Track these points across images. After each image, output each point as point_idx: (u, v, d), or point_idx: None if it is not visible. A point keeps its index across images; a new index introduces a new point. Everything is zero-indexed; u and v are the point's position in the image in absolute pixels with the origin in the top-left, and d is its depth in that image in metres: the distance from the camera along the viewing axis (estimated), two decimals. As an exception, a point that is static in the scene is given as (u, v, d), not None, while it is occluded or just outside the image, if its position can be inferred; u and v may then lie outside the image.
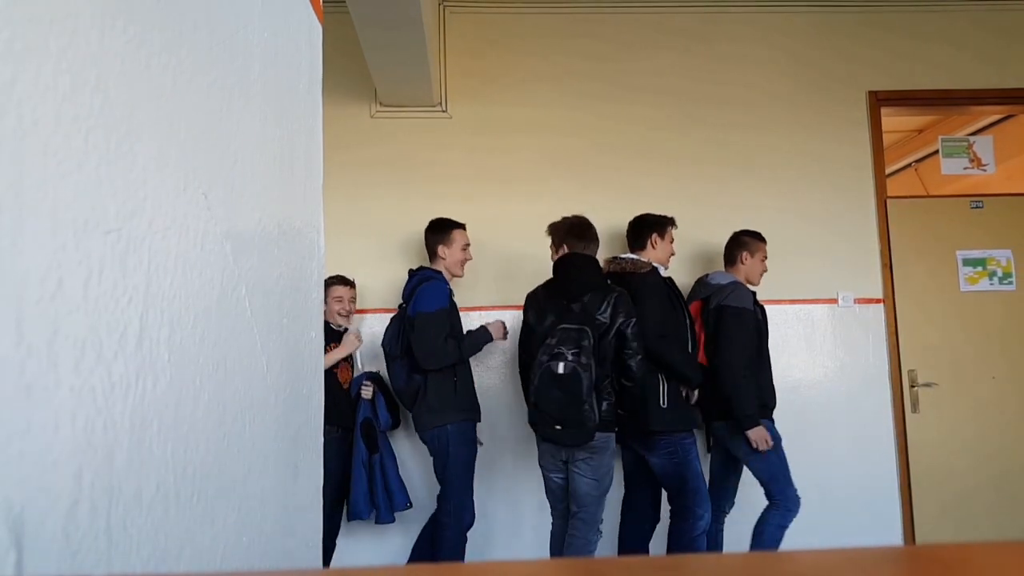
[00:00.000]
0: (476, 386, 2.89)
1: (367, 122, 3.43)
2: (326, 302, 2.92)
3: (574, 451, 2.50)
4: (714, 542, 2.87)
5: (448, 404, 2.72)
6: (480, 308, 3.28)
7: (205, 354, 0.70)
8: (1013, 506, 3.30)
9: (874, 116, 3.51)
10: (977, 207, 3.50)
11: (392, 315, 2.98)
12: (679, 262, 3.41)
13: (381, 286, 3.30)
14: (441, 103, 3.45)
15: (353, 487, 2.79)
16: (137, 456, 0.57)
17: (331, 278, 2.94)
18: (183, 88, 0.67)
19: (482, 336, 2.85)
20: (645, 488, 2.83)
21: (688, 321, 2.79)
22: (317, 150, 1.13)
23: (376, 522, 2.85)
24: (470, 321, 3.16)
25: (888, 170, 3.77)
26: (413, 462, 3.14)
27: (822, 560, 0.34)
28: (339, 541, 2.91)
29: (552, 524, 2.73)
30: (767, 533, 2.72)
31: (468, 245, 2.97)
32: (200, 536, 0.68)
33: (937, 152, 3.74)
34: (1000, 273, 3.42)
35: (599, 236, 2.85)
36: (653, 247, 2.83)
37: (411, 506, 2.89)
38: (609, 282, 2.66)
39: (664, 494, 2.79)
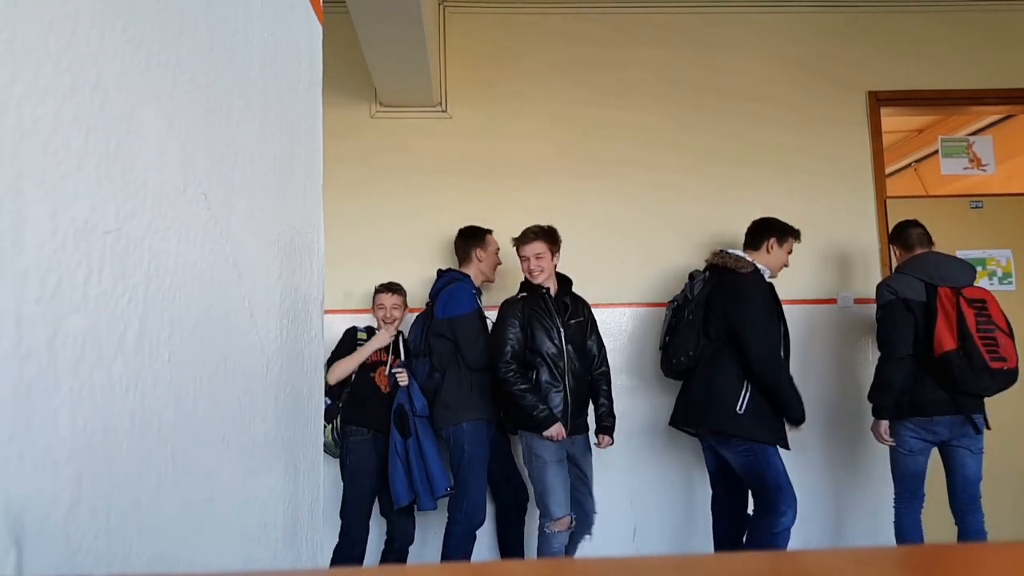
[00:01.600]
0: None
1: (367, 122, 3.43)
2: (373, 309, 3.03)
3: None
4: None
5: (463, 403, 2.76)
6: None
7: (205, 354, 0.70)
8: (1016, 508, 3.30)
9: (874, 116, 3.51)
10: (977, 207, 3.50)
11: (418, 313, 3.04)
12: (673, 263, 3.40)
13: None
14: (441, 103, 3.45)
15: (392, 475, 2.79)
16: (137, 456, 0.57)
17: (378, 286, 3.01)
18: (183, 88, 0.67)
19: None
20: (729, 486, 2.79)
21: (784, 331, 2.74)
22: (317, 150, 1.13)
23: (418, 509, 2.84)
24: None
25: (888, 170, 3.77)
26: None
27: (822, 560, 0.34)
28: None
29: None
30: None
31: (499, 250, 3.04)
32: (200, 536, 0.68)
33: (937, 152, 3.74)
34: (1000, 273, 3.42)
35: (597, 235, 2.87)
36: (768, 251, 2.78)
37: (453, 491, 2.85)
38: (707, 273, 2.75)
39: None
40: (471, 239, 3.00)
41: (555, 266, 2.77)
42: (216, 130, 0.75)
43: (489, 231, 3.04)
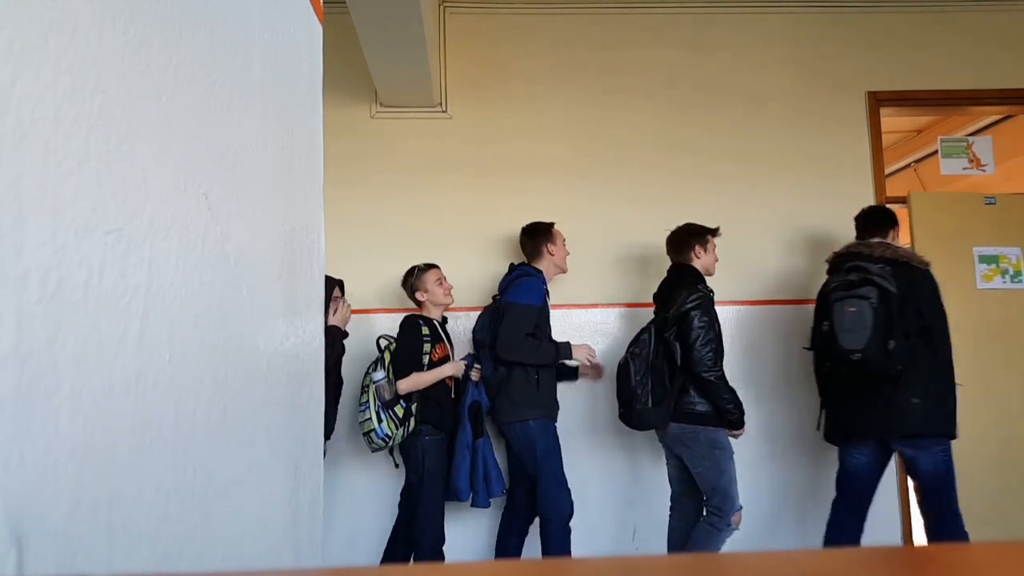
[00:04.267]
0: None
1: (367, 122, 3.43)
2: (427, 290, 2.90)
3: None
4: None
5: (530, 400, 2.77)
6: (481, 308, 3.28)
7: (205, 354, 0.70)
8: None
9: (873, 116, 3.51)
10: (990, 203, 3.49)
11: (486, 306, 3.06)
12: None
13: (380, 286, 3.30)
14: (441, 103, 3.45)
15: (457, 470, 2.81)
16: (137, 456, 0.57)
17: (419, 266, 2.92)
18: (183, 88, 0.67)
19: (563, 350, 2.85)
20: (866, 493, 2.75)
21: None
22: (317, 150, 1.13)
23: (471, 505, 2.87)
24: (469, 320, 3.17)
25: (887, 170, 3.77)
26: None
27: (822, 560, 0.34)
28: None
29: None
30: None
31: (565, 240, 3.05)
32: (200, 536, 0.68)
33: (936, 152, 3.74)
34: (1011, 271, 3.42)
35: (598, 235, 2.88)
36: (893, 238, 2.79)
37: (505, 494, 2.90)
38: (880, 265, 2.58)
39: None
40: (538, 235, 2.99)
41: None
42: (216, 130, 0.75)
43: (552, 223, 3.02)
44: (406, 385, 2.72)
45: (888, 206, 3.06)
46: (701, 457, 2.64)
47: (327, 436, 2.52)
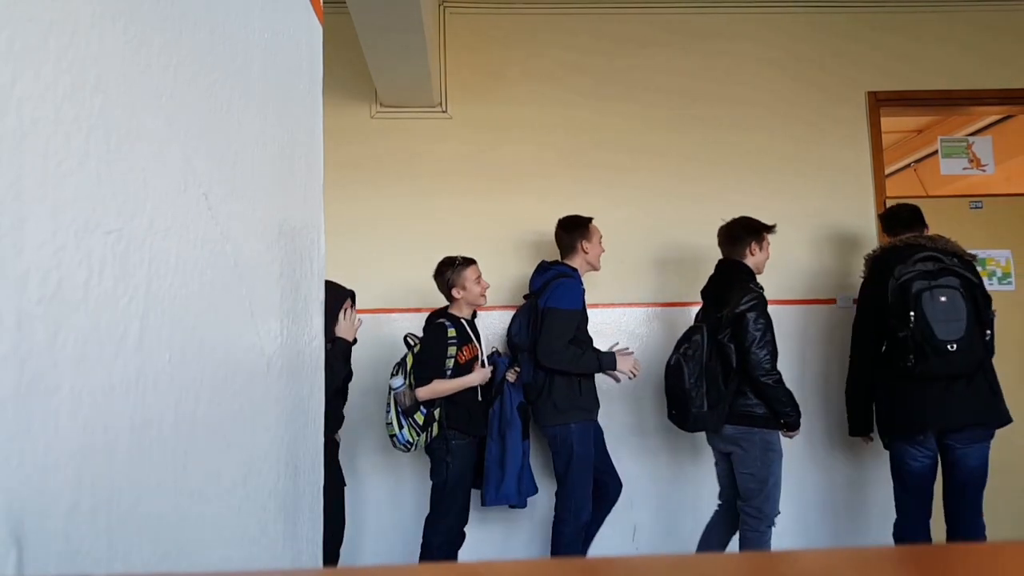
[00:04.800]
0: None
1: (367, 122, 3.43)
2: (464, 287, 2.76)
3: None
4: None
5: (573, 404, 2.74)
6: (480, 308, 3.28)
7: (205, 355, 0.70)
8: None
9: (873, 116, 3.51)
10: (976, 207, 3.50)
11: (520, 306, 2.99)
12: (673, 263, 3.41)
13: (380, 286, 3.30)
14: (441, 103, 3.45)
15: (507, 473, 2.79)
16: (137, 456, 0.57)
17: (458, 261, 2.77)
18: (183, 88, 0.67)
19: (605, 362, 2.77)
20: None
21: None
22: (317, 150, 1.13)
23: (510, 506, 2.88)
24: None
25: (887, 170, 3.77)
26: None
27: (822, 560, 0.34)
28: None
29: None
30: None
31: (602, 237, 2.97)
32: (200, 536, 0.68)
33: (936, 152, 3.74)
34: (1000, 273, 3.42)
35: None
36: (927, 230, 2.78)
37: (536, 492, 2.91)
38: (950, 257, 2.53)
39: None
40: (575, 230, 2.88)
41: None
42: (216, 130, 0.75)
43: (591, 218, 2.93)
44: (424, 394, 2.64)
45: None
46: (754, 459, 2.61)
47: (334, 430, 2.50)
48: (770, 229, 2.78)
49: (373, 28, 2.65)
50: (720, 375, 2.61)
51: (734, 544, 2.79)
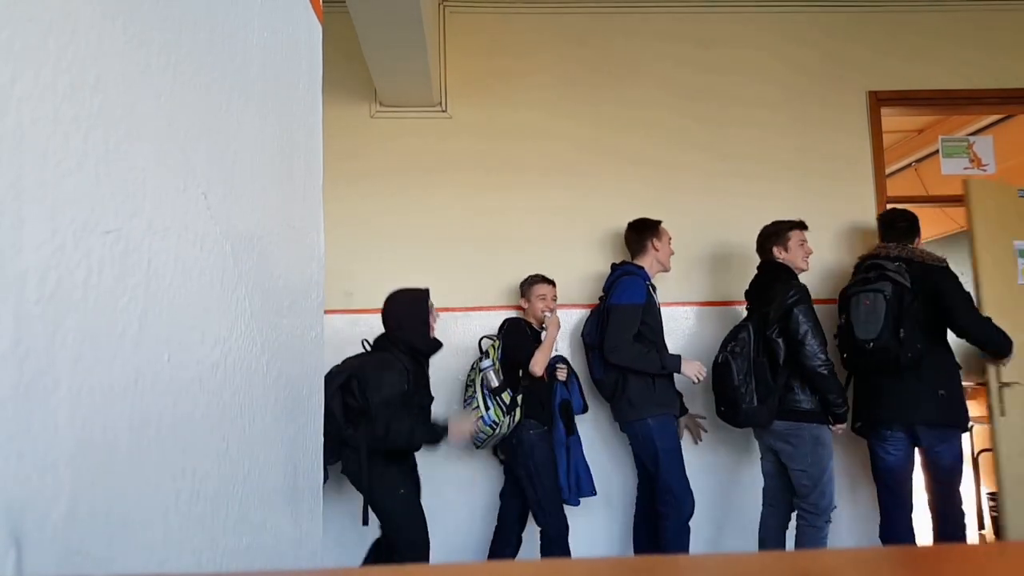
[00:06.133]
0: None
1: (367, 122, 3.43)
2: (529, 300, 3.00)
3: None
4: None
5: (647, 399, 2.77)
6: (480, 309, 3.28)
7: (205, 354, 0.70)
8: None
9: (874, 116, 3.51)
10: None
11: (593, 307, 3.07)
12: (674, 264, 3.40)
13: (380, 286, 3.29)
14: (441, 103, 3.45)
15: (556, 469, 2.84)
16: (137, 456, 0.57)
17: (533, 277, 3.01)
18: (183, 88, 0.67)
19: (669, 363, 2.79)
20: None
21: None
22: (317, 150, 1.13)
23: (566, 504, 2.88)
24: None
25: (888, 170, 3.76)
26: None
27: (823, 560, 0.34)
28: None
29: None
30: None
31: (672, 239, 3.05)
32: (200, 536, 0.68)
33: (937, 152, 3.73)
34: None
35: (598, 236, 2.87)
36: (919, 242, 2.88)
37: (596, 493, 2.91)
38: (896, 263, 2.72)
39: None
40: (645, 230, 2.99)
41: None
42: (216, 130, 0.75)
43: (660, 221, 3.02)
44: (539, 365, 2.77)
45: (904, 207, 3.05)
46: (805, 454, 2.66)
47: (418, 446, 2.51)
48: (792, 226, 2.88)
49: (373, 27, 2.65)
50: (767, 370, 2.69)
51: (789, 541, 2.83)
